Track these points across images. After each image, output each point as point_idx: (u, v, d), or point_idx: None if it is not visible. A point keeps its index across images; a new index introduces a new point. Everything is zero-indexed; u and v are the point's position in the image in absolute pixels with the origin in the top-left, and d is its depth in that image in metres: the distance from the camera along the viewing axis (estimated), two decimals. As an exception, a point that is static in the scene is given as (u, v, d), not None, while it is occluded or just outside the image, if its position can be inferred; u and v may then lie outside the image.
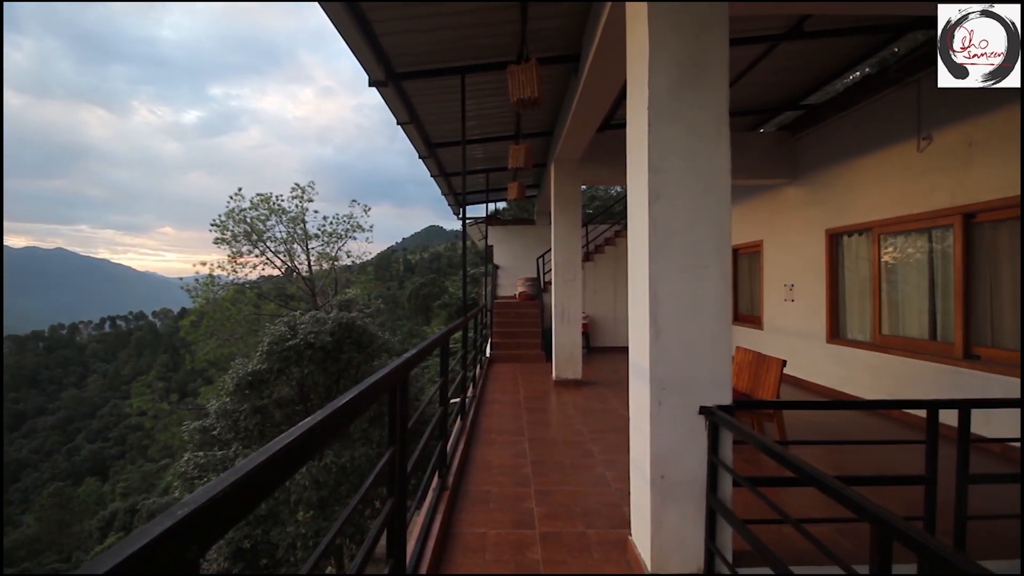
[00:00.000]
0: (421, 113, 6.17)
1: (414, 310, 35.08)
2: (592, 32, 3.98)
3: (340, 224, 22.47)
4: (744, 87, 6.11)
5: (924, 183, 5.16)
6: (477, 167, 9.28)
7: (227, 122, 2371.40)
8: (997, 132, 4.43)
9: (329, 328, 10.44)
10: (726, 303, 2.48)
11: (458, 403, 5.15)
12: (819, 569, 2.41)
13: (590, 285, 11.14)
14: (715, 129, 2.48)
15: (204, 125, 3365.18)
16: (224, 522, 0.78)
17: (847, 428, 5.04)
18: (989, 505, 2.87)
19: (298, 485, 8.35)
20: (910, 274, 5.51)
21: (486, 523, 3.12)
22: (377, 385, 1.64)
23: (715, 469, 2.39)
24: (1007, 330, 4.47)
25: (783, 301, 7.70)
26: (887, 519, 1.29)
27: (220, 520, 0.76)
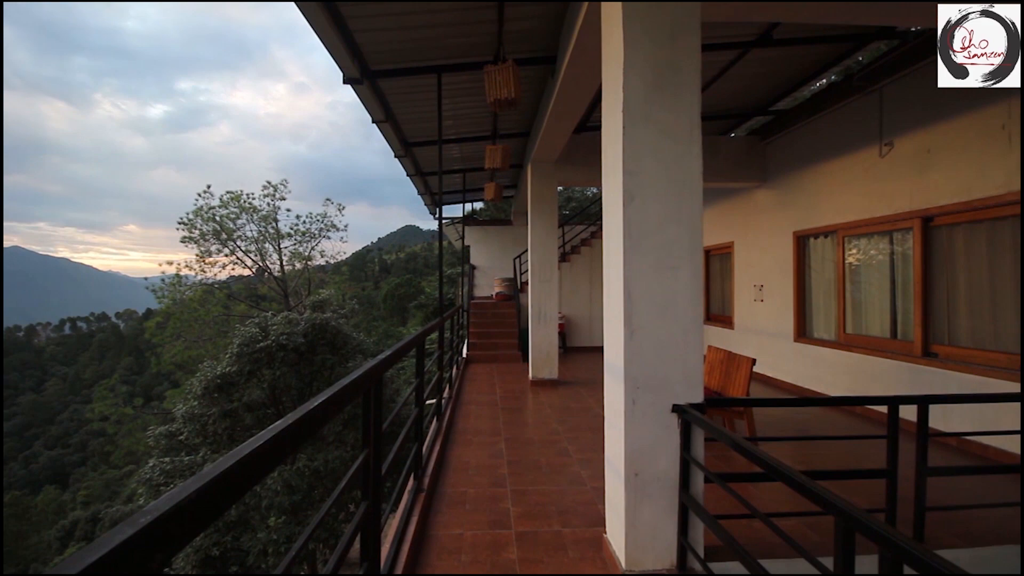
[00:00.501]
0: (397, 112, 6.11)
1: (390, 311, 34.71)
2: (568, 35, 4.01)
3: (314, 223, 22.09)
4: (716, 92, 6.24)
5: (886, 188, 5.36)
6: (454, 167, 9.25)
7: (195, 117, 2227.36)
8: (953, 140, 4.63)
9: (302, 329, 10.25)
10: (698, 303, 2.53)
11: (434, 404, 5.12)
12: (788, 562, 2.47)
13: (566, 285, 11.21)
14: (688, 132, 2.52)
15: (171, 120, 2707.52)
16: (190, 529, 0.76)
17: (814, 424, 5.20)
18: (947, 496, 3.00)
19: (269, 490, 8.17)
20: (872, 275, 5.73)
21: (462, 524, 3.11)
22: (351, 387, 1.62)
23: (687, 466, 2.44)
24: (962, 329, 4.69)
25: (753, 301, 7.90)
26: (850, 511, 1.34)
27: (185, 527, 0.74)
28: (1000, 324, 4.34)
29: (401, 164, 8.18)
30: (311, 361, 10.25)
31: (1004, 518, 2.98)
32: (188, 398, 9.90)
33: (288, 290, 20.92)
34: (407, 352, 2.93)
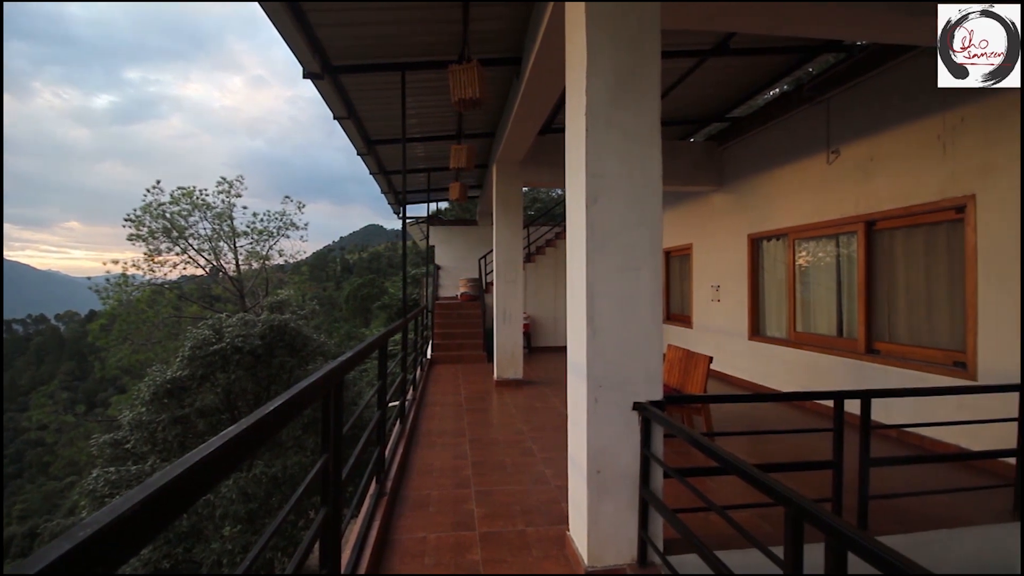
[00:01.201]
0: (359, 108, 6.00)
1: (352, 311, 33.98)
2: (533, 37, 4.04)
3: (272, 221, 21.38)
4: (676, 99, 6.42)
5: (833, 193, 5.64)
6: (418, 166, 9.15)
7: (145, 108, 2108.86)
8: (893, 149, 4.92)
9: (259, 331, 9.92)
10: (658, 303, 2.60)
11: (397, 406, 5.05)
12: (743, 552, 2.57)
13: (531, 286, 11.28)
14: (649, 136, 2.59)
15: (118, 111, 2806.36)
16: (134, 542, 0.72)
17: (767, 419, 5.41)
18: (888, 485, 3.18)
19: (224, 498, 7.86)
20: (820, 276, 6.02)
21: (426, 527, 3.08)
22: (309, 390, 1.58)
23: (648, 462, 2.50)
24: (901, 326, 4.98)
25: (710, 301, 8.16)
26: (798, 502, 1.40)
27: (129, 540, 0.71)
28: (935, 322, 4.64)
29: (364, 162, 8.03)
30: (269, 364, 9.93)
31: (938, 504, 3.19)
32: (135, 404, 9.42)
33: (244, 290, 20.18)
34: (369, 354, 2.88)
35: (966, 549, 3.02)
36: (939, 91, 4.44)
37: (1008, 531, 3.08)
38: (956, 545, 3.00)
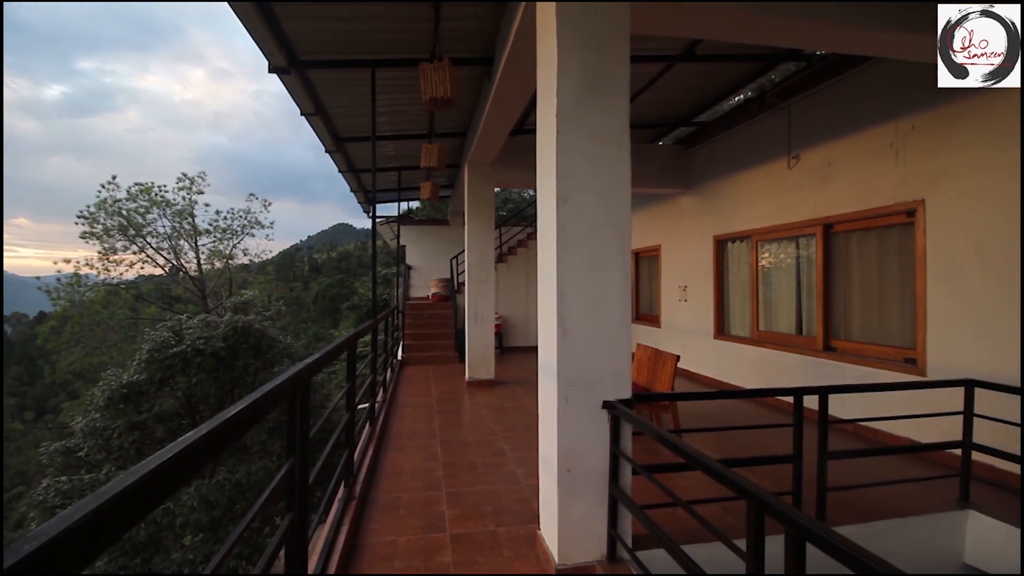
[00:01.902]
0: (328, 105, 5.88)
1: (321, 312, 33.27)
2: (505, 38, 4.04)
3: (236, 219, 20.75)
4: (645, 103, 6.53)
5: (793, 197, 5.85)
6: (389, 165, 9.03)
7: (99, 101, 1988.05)
8: (850, 155, 5.14)
9: (222, 333, 9.61)
10: (627, 303, 2.64)
11: (367, 408, 4.98)
12: (708, 546, 2.63)
13: (503, 286, 11.28)
14: (618, 138, 2.63)
15: (70, 103, 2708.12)
16: (85, 554, 0.68)
17: (732, 415, 5.57)
18: (844, 477, 3.31)
19: (184, 506, 7.58)
20: (781, 277, 6.23)
21: (396, 530, 3.04)
22: (274, 393, 1.54)
23: (617, 460, 2.53)
24: (855, 325, 5.21)
25: (678, 301, 8.34)
26: (759, 495, 1.45)
27: (80, 552, 0.67)
28: (888, 321, 4.86)
29: (333, 160, 7.88)
30: (232, 367, 9.63)
31: (891, 494, 3.34)
32: (89, 410, 8.99)
33: (206, 291, 19.52)
34: (338, 355, 2.82)
35: (916, 536, 3.18)
36: (891, 99, 4.67)
37: (954, 518, 3.25)
38: (908, 533, 3.16)
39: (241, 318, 10.29)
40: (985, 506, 3.24)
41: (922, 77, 4.33)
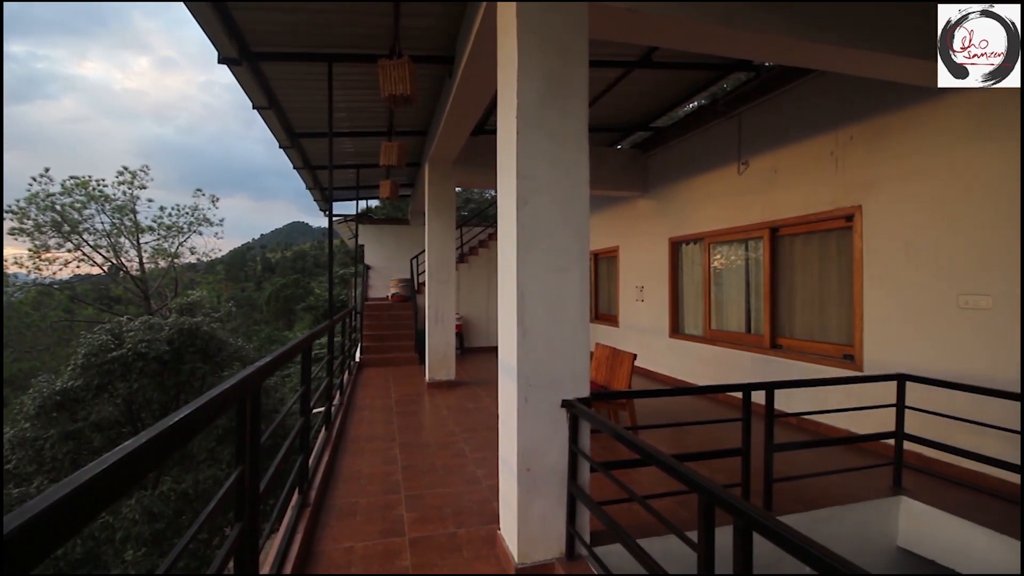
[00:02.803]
0: (282, 99, 5.69)
1: (274, 313, 32.14)
2: (466, 37, 4.03)
3: (182, 216, 19.76)
4: (604, 106, 6.65)
5: (742, 201, 6.11)
6: (346, 162, 8.82)
7: (31, 88, 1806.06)
8: (794, 162, 5.41)
9: (166, 335, 9.13)
10: (585, 303, 2.68)
11: (323, 412, 4.84)
12: (663, 539, 2.71)
13: (465, 286, 11.24)
14: (577, 140, 2.66)
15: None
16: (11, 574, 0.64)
17: (686, 411, 5.75)
18: (789, 468, 3.48)
19: (125, 519, 7.15)
20: (732, 278, 6.49)
21: (353, 536, 2.97)
22: (222, 397, 1.47)
23: (575, 458, 2.57)
24: (799, 324, 5.48)
25: (635, 301, 8.54)
26: (709, 488, 1.50)
27: (6, 572, 0.62)
28: (828, 319, 5.14)
29: (287, 155, 7.63)
30: (178, 371, 9.16)
31: (832, 483, 3.53)
32: (18, 419, 8.34)
33: (149, 291, 18.47)
34: (292, 358, 2.73)
35: (854, 522, 3.38)
36: (832, 110, 4.94)
37: (888, 504, 3.48)
38: (846, 519, 3.35)
39: (188, 320, 9.81)
40: (916, 492, 3.47)
41: (862, 89, 4.60)
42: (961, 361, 3.82)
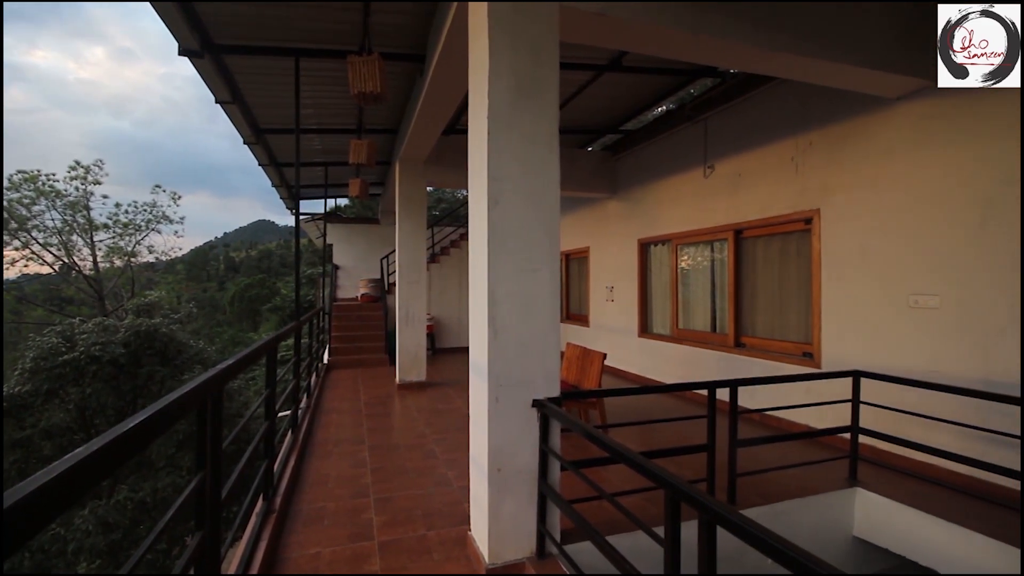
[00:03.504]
0: (247, 93, 5.53)
1: (238, 314, 31.17)
2: (437, 35, 4.00)
3: (139, 213, 18.97)
4: (574, 109, 6.72)
5: (708, 204, 6.27)
6: (314, 159, 8.64)
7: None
8: (756, 167, 5.58)
9: (122, 338, 8.75)
10: (556, 303, 2.70)
11: (289, 415, 4.73)
12: (632, 535, 2.75)
13: (436, 286, 11.16)
14: (548, 142, 2.68)
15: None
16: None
17: (654, 409, 5.85)
18: (752, 463, 3.58)
19: (77, 530, 6.81)
20: (698, 278, 6.65)
21: (320, 542, 2.91)
22: (181, 401, 1.42)
23: (546, 457, 2.59)
24: (761, 323, 5.66)
25: (605, 301, 8.66)
26: (676, 484, 1.54)
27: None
28: (788, 318, 5.33)
29: (252, 152, 7.42)
30: (134, 375, 8.79)
31: (792, 477, 3.66)
32: (-46, 428, 7.82)
33: (104, 292, 17.65)
34: (256, 360, 2.66)
35: (813, 514, 3.51)
36: (793, 117, 5.12)
37: (845, 496, 3.63)
38: (806, 511, 3.48)
39: (145, 321, 9.42)
40: (870, 484, 3.63)
41: (820, 98, 4.79)
42: (911, 358, 4.02)
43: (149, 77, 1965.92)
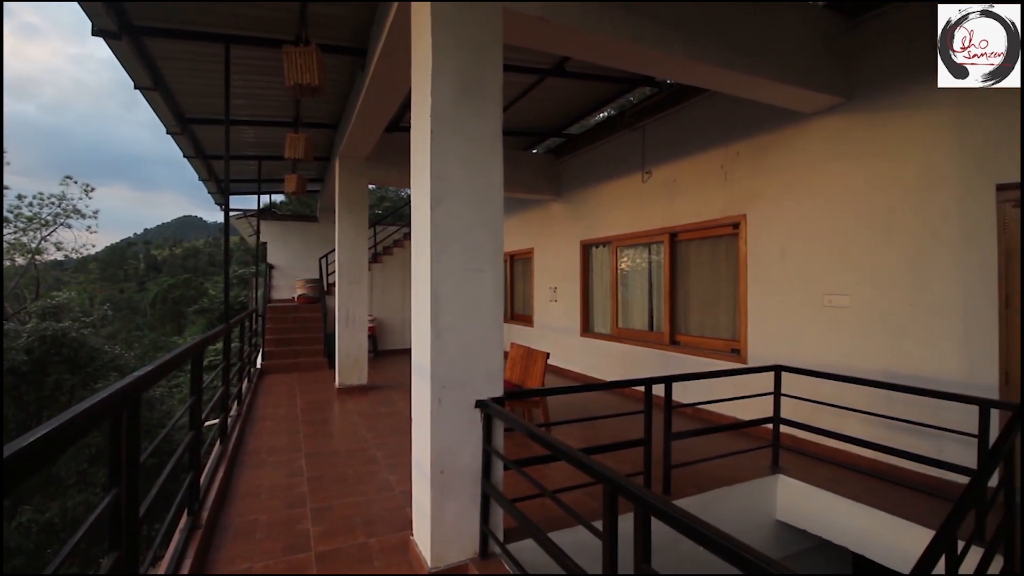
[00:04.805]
0: (170, 80, 5.17)
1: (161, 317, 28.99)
2: (379, 31, 3.92)
3: (46, 206, 17.23)
4: (519, 111, 6.78)
5: (646, 208, 6.52)
6: (247, 153, 8.20)
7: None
8: (690, 173, 5.87)
9: (24, 343, 7.92)
10: (499, 304, 2.72)
11: (218, 424, 4.46)
12: (573, 530, 2.81)
13: (379, 287, 10.90)
14: (492, 142, 2.69)
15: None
16: None
17: (596, 407, 6.00)
18: (687, 455, 3.75)
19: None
20: (637, 279, 6.90)
21: (251, 556, 2.77)
22: (91, 412, 1.31)
23: (489, 457, 2.60)
24: (694, 321, 5.96)
25: (549, 302, 8.80)
26: (612, 478, 1.59)
27: None
28: (719, 317, 5.64)
29: (176, 142, 6.94)
30: (39, 384, 7.97)
31: (722, 466, 3.87)
32: None
33: (3, 293, 15.86)
34: (180, 366, 2.50)
35: (740, 500, 3.73)
36: (723, 127, 5.43)
37: (768, 483, 3.88)
38: (734, 498, 3.69)
39: (52, 325, 8.57)
40: (791, 470, 3.91)
41: (747, 110, 5.10)
42: (827, 353, 4.38)
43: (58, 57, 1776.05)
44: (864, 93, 4.17)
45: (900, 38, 3.92)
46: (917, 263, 3.79)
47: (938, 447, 3.55)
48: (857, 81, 4.21)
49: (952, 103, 3.60)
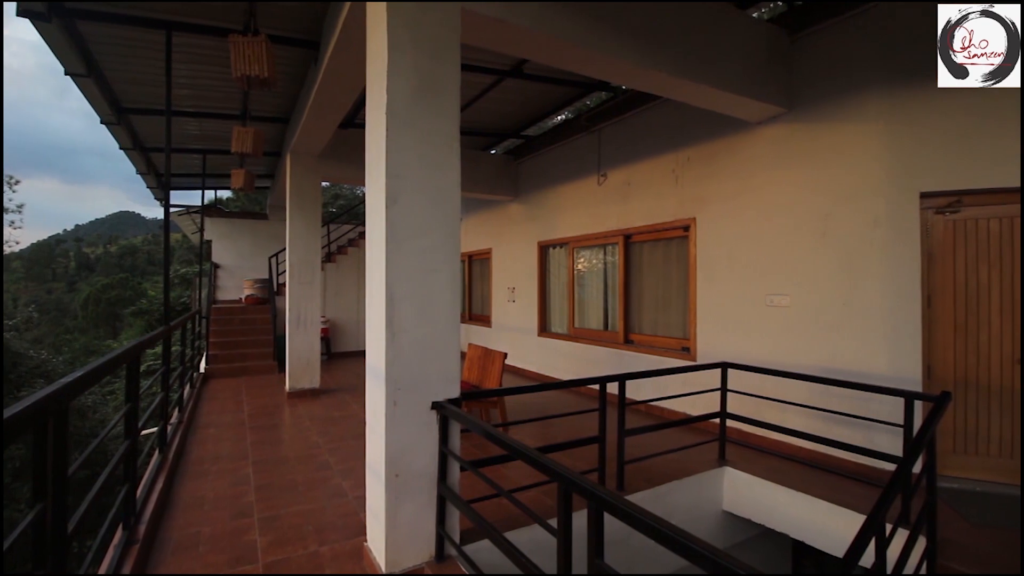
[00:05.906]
0: (106, 67, 4.85)
1: (94, 320, 27.10)
2: (333, 24, 3.82)
3: (-42, 199, 15.71)
4: (477, 112, 6.77)
5: (602, 210, 6.66)
6: (190, 145, 7.80)
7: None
8: (643, 177, 6.04)
9: (-69, 348, 7.21)
10: (456, 304, 2.70)
11: (156, 433, 4.22)
12: (529, 529, 2.83)
13: (332, 287, 10.60)
14: (448, 141, 2.68)
15: None
16: None
17: (553, 405, 6.07)
18: (638, 451, 3.85)
19: None
20: (592, 280, 7.04)
21: (192, 570, 2.63)
22: (12, 422, 1.22)
23: (445, 459, 2.58)
24: (647, 320, 6.14)
25: (507, 302, 8.83)
26: (567, 476, 1.62)
27: None
28: (670, 316, 5.83)
29: (112, 133, 6.51)
30: (-51, 393, 7.28)
31: (673, 461, 4.00)
32: None
33: (-96, 293, 14.40)
34: (114, 371, 2.35)
35: (689, 493, 3.87)
36: (674, 133, 5.62)
37: (715, 475, 4.04)
38: (683, 491, 3.83)
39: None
40: (736, 463, 4.09)
41: (697, 117, 5.29)
42: (770, 350, 4.61)
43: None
44: (803, 104, 4.42)
45: (837, 54, 4.19)
46: (850, 265, 4.06)
47: (869, 437, 3.80)
48: (797, 92, 4.46)
49: (883, 115, 3.88)
